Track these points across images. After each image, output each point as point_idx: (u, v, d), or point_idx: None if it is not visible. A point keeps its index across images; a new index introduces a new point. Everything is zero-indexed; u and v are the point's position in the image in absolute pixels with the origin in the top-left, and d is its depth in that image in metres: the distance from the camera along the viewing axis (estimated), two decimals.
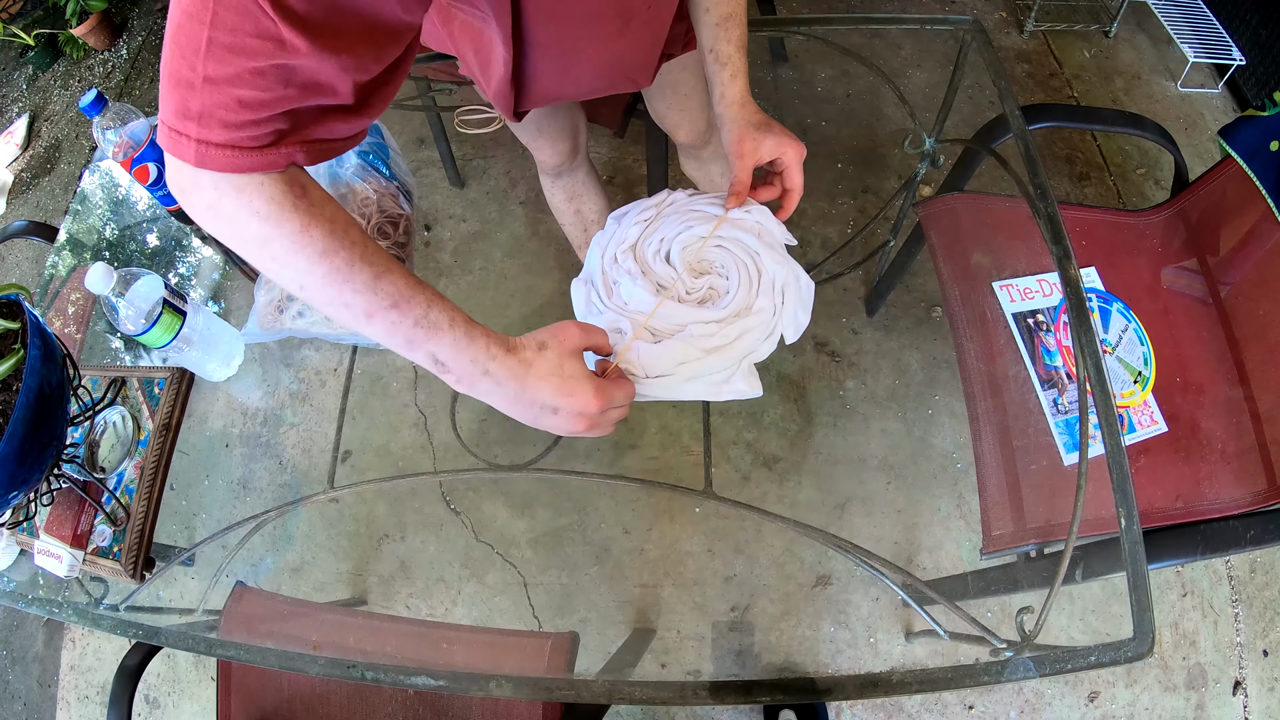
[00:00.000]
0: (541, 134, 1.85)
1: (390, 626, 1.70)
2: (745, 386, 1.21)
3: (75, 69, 4.15)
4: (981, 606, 2.11)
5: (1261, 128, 1.74)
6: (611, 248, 1.31)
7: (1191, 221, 1.94)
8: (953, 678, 1.07)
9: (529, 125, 1.81)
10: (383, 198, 1.40)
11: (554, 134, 1.86)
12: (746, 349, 1.21)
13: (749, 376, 1.21)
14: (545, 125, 1.82)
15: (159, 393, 1.52)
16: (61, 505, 1.47)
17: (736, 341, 1.20)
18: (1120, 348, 1.77)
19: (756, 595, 2.24)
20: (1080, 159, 3.02)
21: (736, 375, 1.20)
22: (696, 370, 1.18)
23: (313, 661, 1.24)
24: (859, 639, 2.18)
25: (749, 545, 2.31)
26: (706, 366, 1.18)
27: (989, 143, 1.65)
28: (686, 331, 1.19)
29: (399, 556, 2.39)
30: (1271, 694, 2.14)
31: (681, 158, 2.17)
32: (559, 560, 2.33)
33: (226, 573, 1.50)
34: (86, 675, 2.46)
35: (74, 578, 1.43)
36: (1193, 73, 3.17)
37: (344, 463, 2.48)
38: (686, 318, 1.20)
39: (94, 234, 1.85)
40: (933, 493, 2.32)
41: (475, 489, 2.44)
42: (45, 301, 1.77)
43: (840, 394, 2.49)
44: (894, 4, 3.61)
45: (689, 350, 1.17)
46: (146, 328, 1.40)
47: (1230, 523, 1.50)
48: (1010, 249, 1.82)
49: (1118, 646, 1.07)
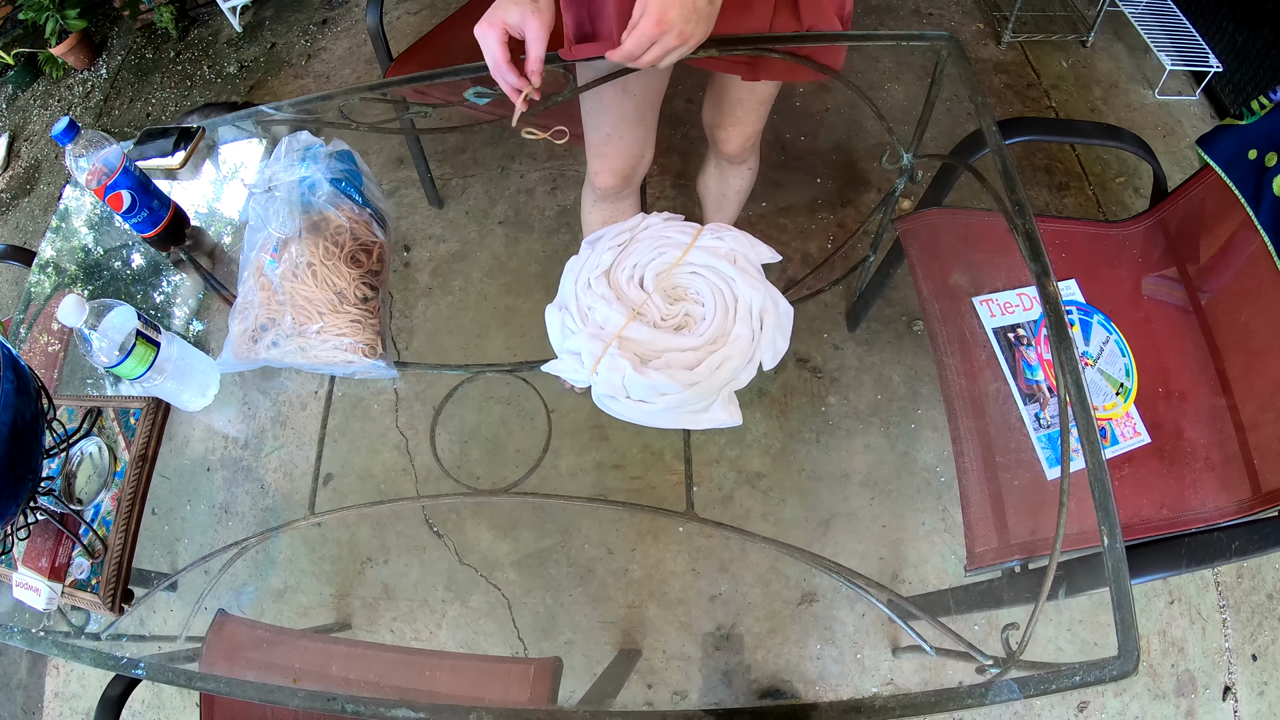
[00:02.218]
0: (610, 145, 1.80)
1: (373, 654, 1.69)
2: (725, 415, 1.21)
3: (55, 88, 4.14)
4: (968, 620, 2.10)
5: (1239, 136, 1.74)
6: (585, 273, 1.31)
7: (1171, 231, 1.94)
8: (936, 701, 1.06)
9: (598, 131, 1.77)
10: (356, 225, 1.39)
11: (621, 152, 1.81)
12: (726, 378, 1.21)
13: (728, 405, 1.21)
14: (613, 138, 1.78)
15: (135, 423, 1.51)
16: (39, 538, 1.45)
17: (717, 372, 1.20)
18: (1102, 360, 1.77)
19: (742, 614, 2.23)
20: (1059, 169, 3.03)
21: (716, 404, 1.20)
22: (677, 401, 1.18)
23: (293, 694, 1.23)
24: (846, 655, 2.17)
25: (733, 564, 2.30)
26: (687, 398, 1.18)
27: (967, 158, 1.65)
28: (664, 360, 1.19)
29: (382, 580, 2.38)
30: (1261, 698, 2.14)
31: (705, 171, 2.16)
32: (543, 582, 2.31)
33: (209, 599, 1.48)
34: (71, 702, 2.44)
35: (52, 610, 1.41)
36: (1170, 80, 3.19)
37: (326, 486, 2.47)
38: (664, 344, 1.20)
39: (72, 258, 1.84)
40: (917, 507, 2.32)
41: (458, 511, 2.43)
42: (25, 323, 1.75)
43: (822, 410, 2.49)
44: (872, 18, 3.62)
45: (669, 383, 1.17)
46: (120, 359, 1.39)
47: (1215, 534, 1.50)
48: (990, 263, 1.82)
49: (1102, 665, 1.06)
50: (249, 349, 1.40)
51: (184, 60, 4.10)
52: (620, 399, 1.21)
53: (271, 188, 1.41)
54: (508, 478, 1.44)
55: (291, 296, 1.34)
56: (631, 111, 1.72)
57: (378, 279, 1.40)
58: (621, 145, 1.79)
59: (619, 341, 1.22)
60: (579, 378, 1.29)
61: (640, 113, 1.74)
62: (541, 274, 2.82)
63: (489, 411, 2.40)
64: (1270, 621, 2.23)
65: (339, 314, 1.33)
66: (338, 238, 1.38)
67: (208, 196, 1.85)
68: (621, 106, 1.70)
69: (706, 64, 1.62)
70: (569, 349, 1.29)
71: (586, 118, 1.75)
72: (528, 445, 2.32)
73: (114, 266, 1.80)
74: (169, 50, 4.16)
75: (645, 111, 1.75)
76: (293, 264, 1.36)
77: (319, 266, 1.34)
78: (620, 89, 1.64)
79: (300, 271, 1.34)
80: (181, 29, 4.15)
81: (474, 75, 1.67)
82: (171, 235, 1.70)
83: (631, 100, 1.69)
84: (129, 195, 1.57)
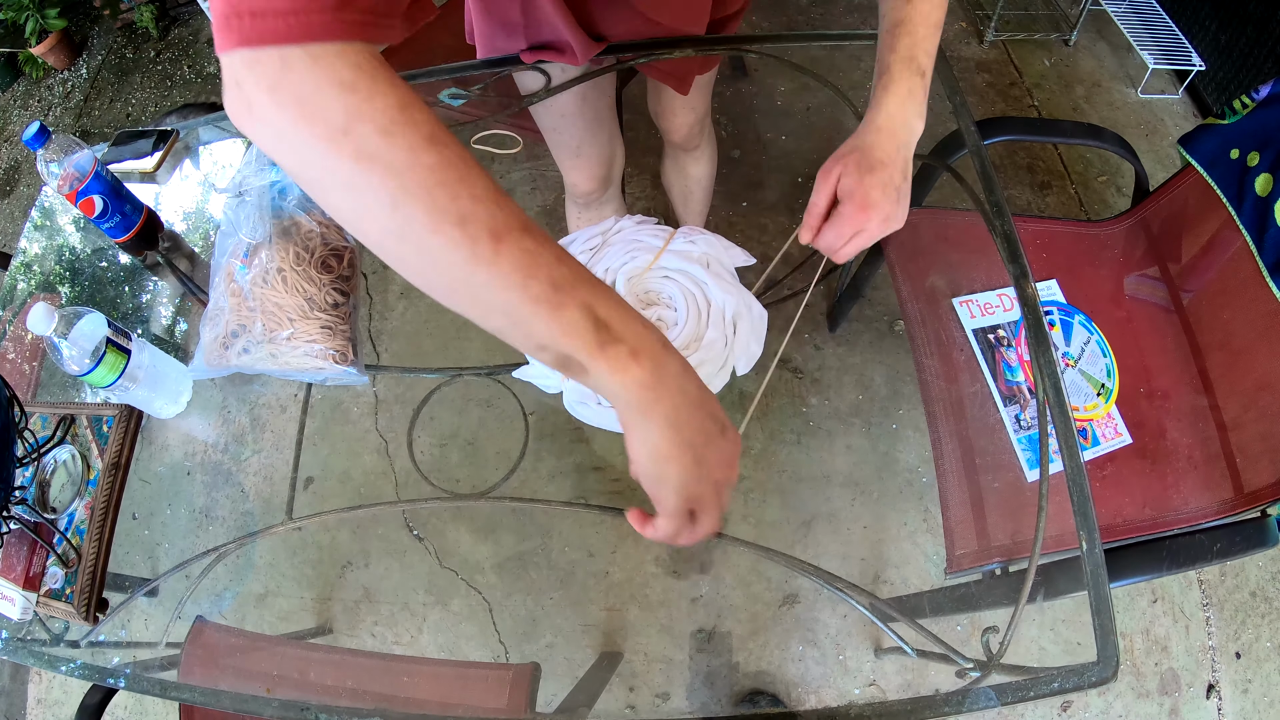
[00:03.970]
0: (580, 155, 1.79)
1: (352, 660, 1.68)
2: None
3: (35, 89, 4.12)
4: (950, 621, 2.10)
5: (1222, 136, 1.74)
6: None
7: (1153, 230, 1.94)
8: (912, 710, 1.05)
9: (567, 145, 1.76)
10: (326, 230, 1.38)
11: (593, 157, 1.81)
12: None
13: None
14: (586, 147, 1.78)
15: (108, 430, 1.50)
16: (13, 547, 1.44)
17: None
18: (1082, 360, 1.77)
19: (724, 616, 2.22)
20: (1041, 167, 3.03)
21: None
22: None
23: (267, 704, 1.22)
24: (828, 657, 2.17)
25: (714, 565, 2.29)
26: None
27: (946, 158, 1.64)
28: None
29: (363, 584, 2.37)
30: (1245, 696, 2.15)
31: (664, 163, 2.15)
32: (523, 585, 2.30)
33: (189, 605, 1.47)
34: (54, 709, 2.43)
35: (27, 620, 1.40)
36: (1153, 79, 3.19)
37: (306, 489, 2.45)
38: None
39: (47, 262, 1.82)
40: (899, 508, 2.32)
41: (438, 515, 2.42)
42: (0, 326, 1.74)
43: (803, 411, 2.48)
44: (854, 16, 3.62)
45: None
46: (91, 367, 1.37)
47: (1196, 536, 1.50)
48: (970, 264, 1.81)
49: (1081, 671, 1.06)
50: (220, 356, 1.39)
51: (164, 60, 4.08)
52: (590, 405, 1.20)
53: (242, 192, 1.40)
54: (488, 480, 1.43)
55: (262, 303, 1.33)
56: (593, 118, 1.72)
57: (348, 284, 1.39)
58: (594, 151, 1.80)
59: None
60: (550, 384, 1.28)
61: (600, 115, 1.74)
62: None
63: (468, 414, 2.39)
64: (1253, 619, 2.23)
65: (309, 320, 1.32)
66: (308, 243, 1.36)
67: (185, 199, 1.83)
68: (584, 115, 1.70)
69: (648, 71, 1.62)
70: None
71: (552, 135, 1.76)
72: (508, 447, 2.30)
73: (89, 271, 1.79)
74: (149, 50, 4.13)
75: (604, 113, 1.76)
76: (263, 270, 1.34)
77: (289, 272, 1.33)
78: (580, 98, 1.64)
79: (270, 277, 1.33)
80: (162, 29, 4.12)
81: (450, 76, 1.66)
82: (145, 240, 1.68)
83: (592, 107, 1.69)
84: (101, 200, 1.56)
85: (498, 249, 0.69)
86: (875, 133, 1.08)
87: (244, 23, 0.63)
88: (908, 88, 1.08)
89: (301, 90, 0.65)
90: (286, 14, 0.63)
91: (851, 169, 1.06)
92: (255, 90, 0.65)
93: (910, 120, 1.09)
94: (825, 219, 1.12)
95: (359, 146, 0.65)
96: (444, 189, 0.67)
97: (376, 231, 0.71)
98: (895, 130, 1.08)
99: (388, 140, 0.65)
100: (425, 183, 0.66)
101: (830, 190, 1.10)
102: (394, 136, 0.65)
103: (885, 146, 1.07)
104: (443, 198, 0.67)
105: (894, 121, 1.08)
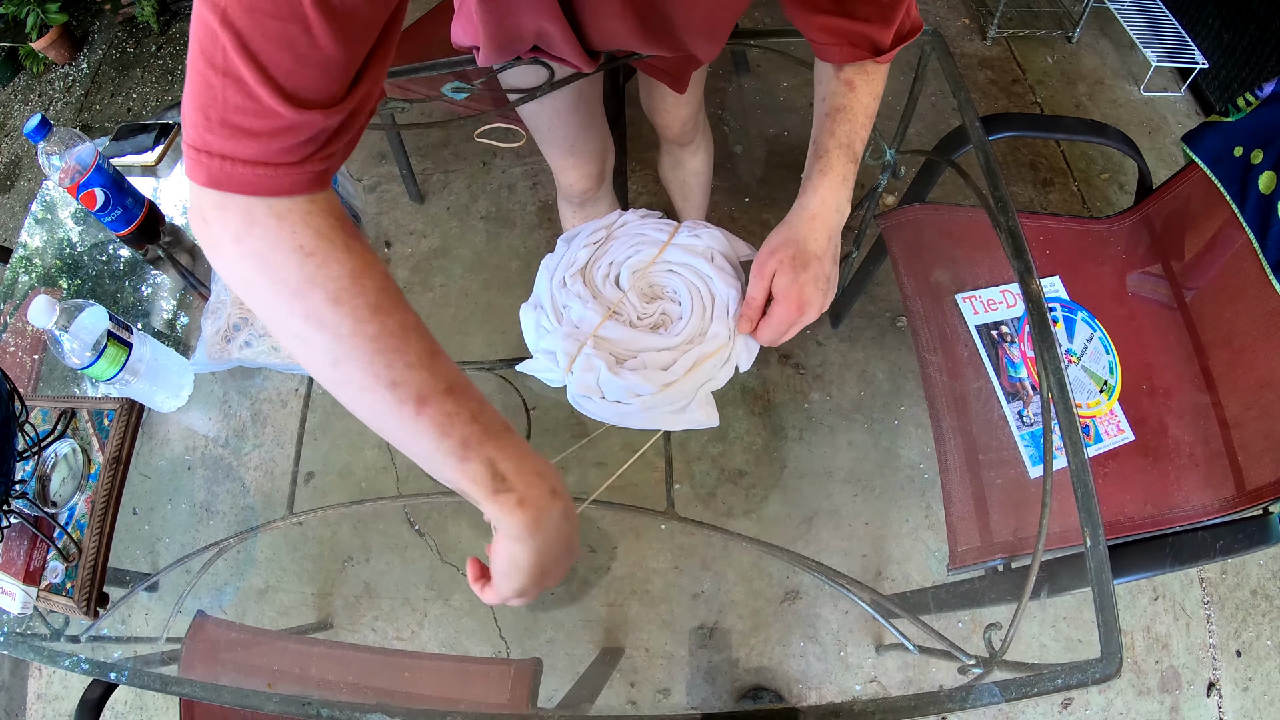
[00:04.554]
0: (575, 154, 1.80)
1: (353, 655, 1.68)
2: (702, 416, 1.20)
3: (35, 83, 4.10)
4: (952, 618, 2.10)
5: (1225, 134, 1.73)
6: (560, 271, 1.30)
7: (1156, 228, 1.94)
8: (916, 705, 1.05)
9: (561, 144, 1.77)
10: None
11: (587, 155, 1.82)
12: (703, 378, 1.20)
13: (705, 406, 1.20)
14: (579, 144, 1.78)
15: (109, 424, 1.49)
16: (13, 541, 1.43)
17: (693, 373, 1.19)
18: (1085, 357, 1.77)
19: (725, 611, 2.22)
20: (1044, 164, 3.03)
21: (693, 405, 1.19)
22: (652, 402, 1.17)
23: (268, 699, 1.22)
24: (830, 653, 2.16)
25: (716, 561, 2.29)
26: (662, 399, 1.17)
27: (950, 154, 1.64)
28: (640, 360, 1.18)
29: (364, 579, 2.36)
30: (1246, 694, 2.14)
31: (661, 158, 2.15)
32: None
33: (190, 600, 1.47)
34: (54, 704, 2.42)
35: (27, 615, 1.40)
36: (1155, 77, 3.19)
37: (307, 484, 2.45)
38: (640, 344, 1.19)
39: (48, 256, 1.81)
40: (901, 504, 2.31)
41: (439, 510, 2.42)
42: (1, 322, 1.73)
43: (806, 406, 2.48)
44: None
45: (644, 385, 1.16)
46: (92, 360, 1.37)
47: (1199, 534, 1.50)
48: (973, 260, 1.81)
49: (1085, 668, 1.06)
50: (222, 349, 1.38)
51: (165, 54, 4.07)
52: (595, 399, 1.20)
53: None
54: None
55: None
56: (587, 114, 1.73)
57: None
58: (587, 148, 1.80)
59: (594, 341, 1.21)
60: (553, 378, 1.28)
61: (593, 111, 1.75)
62: (523, 270, 2.79)
63: None
64: (1254, 617, 2.23)
65: None
66: None
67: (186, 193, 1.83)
68: (579, 111, 1.70)
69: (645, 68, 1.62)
70: (544, 348, 1.28)
71: (545, 135, 1.76)
72: None
73: (90, 265, 1.78)
74: (150, 44, 4.12)
75: (596, 108, 1.76)
76: None
77: None
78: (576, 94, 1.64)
79: None
80: (163, 23, 4.11)
81: (452, 70, 1.66)
82: (146, 233, 1.68)
83: (586, 103, 1.70)
84: (102, 193, 1.55)
85: (420, 411, 0.76)
86: (809, 221, 1.16)
87: (213, 164, 0.68)
88: (843, 174, 1.17)
89: (261, 247, 0.71)
90: (255, 164, 0.68)
91: (786, 267, 1.14)
92: (221, 233, 0.72)
93: (842, 205, 1.18)
94: (763, 313, 1.19)
95: (309, 309, 0.72)
96: (381, 357, 0.74)
97: (318, 376, 0.78)
98: (828, 216, 1.17)
99: (335, 308, 0.72)
100: (365, 350, 0.74)
101: (766, 285, 1.17)
102: (341, 305, 0.72)
103: (818, 238, 1.16)
104: (379, 364, 0.74)
105: (827, 207, 1.17)
